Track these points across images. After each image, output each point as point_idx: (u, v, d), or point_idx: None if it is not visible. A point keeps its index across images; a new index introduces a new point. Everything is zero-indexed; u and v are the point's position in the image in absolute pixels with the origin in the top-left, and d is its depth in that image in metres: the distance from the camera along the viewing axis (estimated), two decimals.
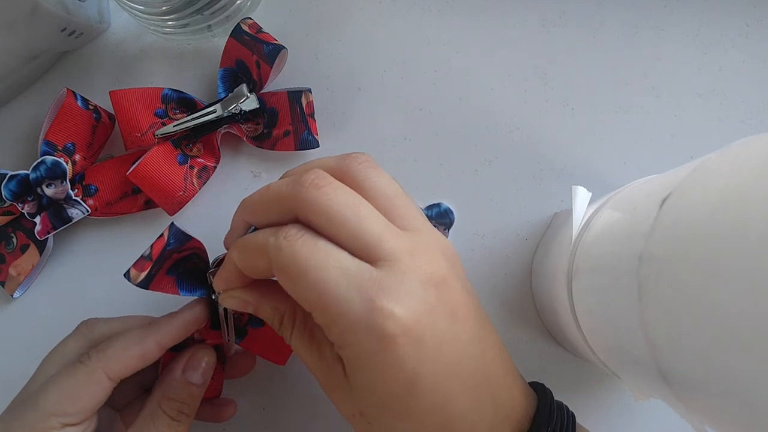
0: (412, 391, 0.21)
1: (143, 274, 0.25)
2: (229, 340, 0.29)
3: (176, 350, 0.28)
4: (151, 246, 0.25)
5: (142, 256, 0.25)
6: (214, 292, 0.27)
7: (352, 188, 0.23)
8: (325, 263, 0.21)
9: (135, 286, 0.25)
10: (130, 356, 0.26)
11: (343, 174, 0.23)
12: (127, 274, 0.25)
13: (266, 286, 0.26)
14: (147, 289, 0.26)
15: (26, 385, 0.26)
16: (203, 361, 0.28)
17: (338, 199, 0.22)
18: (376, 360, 0.21)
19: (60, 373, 0.25)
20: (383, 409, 0.22)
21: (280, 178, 0.26)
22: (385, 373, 0.21)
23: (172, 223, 0.26)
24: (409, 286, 0.21)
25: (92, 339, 0.27)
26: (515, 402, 0.23)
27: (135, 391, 0.29)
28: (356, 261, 0.22)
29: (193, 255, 0.28)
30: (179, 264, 0.27)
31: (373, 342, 0.21)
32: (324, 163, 0.24)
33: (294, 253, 0.21)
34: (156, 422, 0.26)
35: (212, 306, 0.28)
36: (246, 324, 0.31)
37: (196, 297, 0.28)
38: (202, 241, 0.27)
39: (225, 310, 0.28)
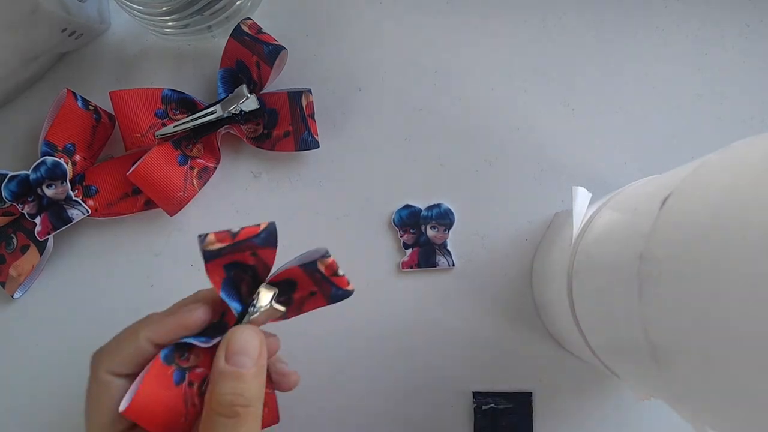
0: None
1: (218, 245, 0.23)
2: None
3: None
4: (242, 227, 0.24)
5: (229, 230, 0.23)
6: (247, 312, 0.25)
7: None
8: None
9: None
10: (123, 353, 0.24)
11: None
12: (203, 236, 0.23)
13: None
14: (205, 263, 0.24)
15: None
16: (247, 342, 0.23)
17: None
18: None
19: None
20: None
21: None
22: None
23: (274, 222, 0.24)
24: None
25: None
26: None
27: None
28: None
29: (254, 269, 0.26)
30: (236, 267, 0.25)
31: None
32: None
33: None
34: (211, 427, 0.22)
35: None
36: None
37: (233, 304, 0.25)
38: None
39: None
